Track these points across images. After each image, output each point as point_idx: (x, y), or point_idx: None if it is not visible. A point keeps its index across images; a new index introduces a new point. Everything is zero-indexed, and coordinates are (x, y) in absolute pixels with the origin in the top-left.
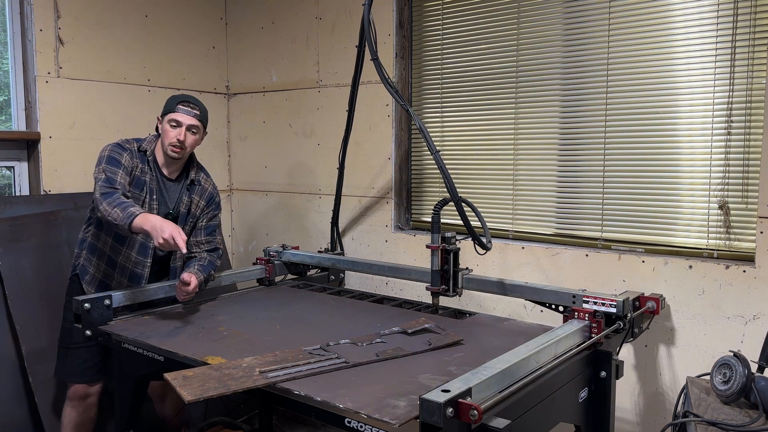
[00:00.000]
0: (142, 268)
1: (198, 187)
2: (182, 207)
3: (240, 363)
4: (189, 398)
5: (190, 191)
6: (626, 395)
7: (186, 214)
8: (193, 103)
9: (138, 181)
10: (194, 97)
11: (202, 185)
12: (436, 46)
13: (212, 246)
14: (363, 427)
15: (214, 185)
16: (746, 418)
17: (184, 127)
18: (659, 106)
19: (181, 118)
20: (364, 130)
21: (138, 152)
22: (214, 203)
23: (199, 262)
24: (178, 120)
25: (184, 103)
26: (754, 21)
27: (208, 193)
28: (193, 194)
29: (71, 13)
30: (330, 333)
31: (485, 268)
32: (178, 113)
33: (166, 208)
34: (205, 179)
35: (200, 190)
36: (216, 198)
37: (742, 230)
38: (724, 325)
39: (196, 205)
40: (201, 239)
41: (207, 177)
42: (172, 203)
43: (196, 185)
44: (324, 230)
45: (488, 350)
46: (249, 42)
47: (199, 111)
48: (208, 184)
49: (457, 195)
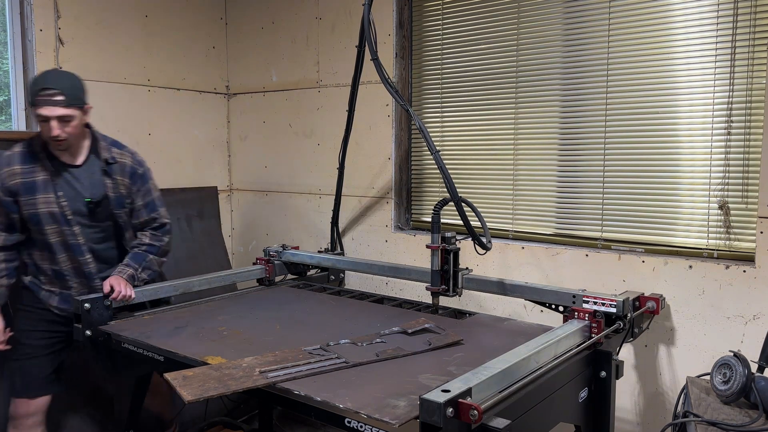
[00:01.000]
0: (86, 265)
1: (115, 166)
2: (108, 191)
3: (240, 363)
4: (189, 398)
5: (110, 172)
6: (626, 395)
7: (116, 198)
8: (54, 87)
9: (29, 187)
10: (55, 75)
11: (118, 162)
12: (436, 46)
13: (158, 222)
14: (363, 427)
15: (133, 154)
16: (746, 418)
17: (53, 120)
18: (659, 106)
19: (47, 112)
20: (364, 130)
21: (28, 155)
22: (138, 176)
23: (133, 253)
24: (44, 115)
25: (43, 93)
26: (754, 21)
27: (129, 168)
28: (114, 175)
29: (71, 13)
30: (330, 333)
31: (485, 268)
32: (41, 107)
33: (81, 199)
34: (120, 153)
35: (119, 168)
36: (138, 169)
37: (742, 230)
38: (724, 325)
39: (122, 184)
40: (144, 219)
41: (121, 150)
42: (88, 190)
43: (112, 164)
44: (324, 230)
45: (488, 350)
46: (249, 42)
47: (63, 95)
48: (125, 157)
49: (457, 195)
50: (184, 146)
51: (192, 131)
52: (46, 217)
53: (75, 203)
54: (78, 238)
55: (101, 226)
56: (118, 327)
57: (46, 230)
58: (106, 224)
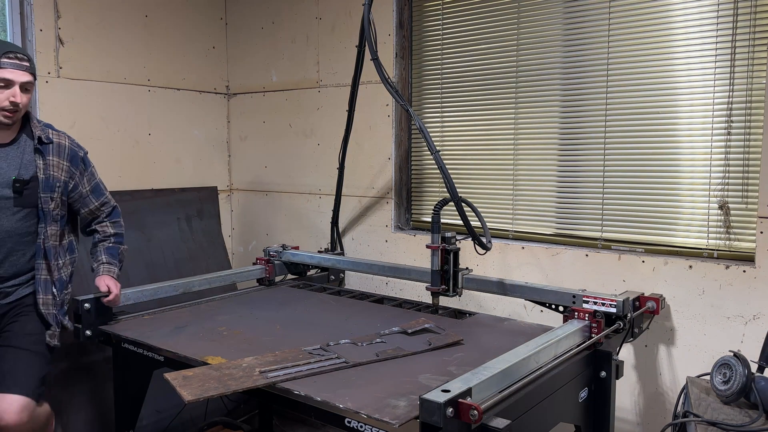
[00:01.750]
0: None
1: (51, 146)
2: (39, 173)
3: (240, 363)
4: (189, 398)
5: (43, 152)
6: (626, 395)
7: (46, 180)
8: (20, 52)
9: None
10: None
11: (55, 142)
12: (436, 46)
13: (110, 207)
14: (363, 427)
15: (70, 138)
16: (746, 418)
17: (17, 85)
18: (659, 106)
19: (12, 75)
20: (364, 130)
21: None
22: (80, 159)
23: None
24: (9, 79)
25: (9, 55)
26: (754, 21)
27: (68, 150)
28: (48, 155)
29: (71, 13)
30: (330, 333)
31: (485, 268)
32: (7, 69)
33: (5, 179)
34: (56, 134)
35: (55, 148)
36: (79, 152)
37: (742, 230)
38: (724, 325)
39: (58, 167)
40: (94, 206)
41: (57, 131)
42: (14, 170)
43: (47, 143)
44: (324, 230)
45: (488, 350)
46: (249, 42)
47: (29, 62)
48: (62, 138)
49: (457, 195)
50: (184, 146)
51: (192, 131)
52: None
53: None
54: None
55: (23, 213)
56: (118, 327)
57: None
58: (28, 211)
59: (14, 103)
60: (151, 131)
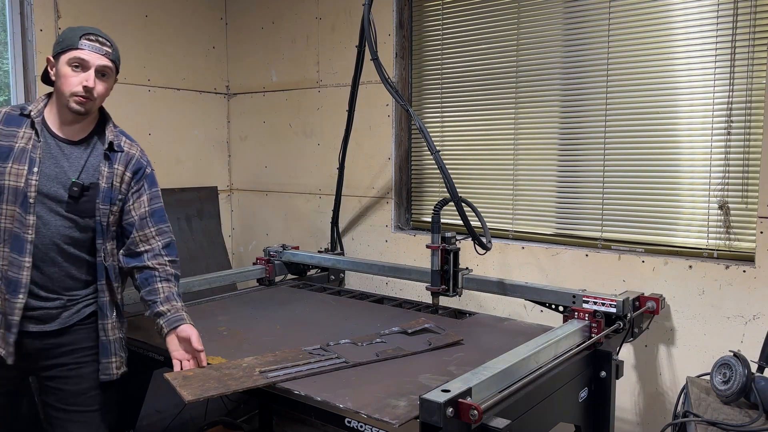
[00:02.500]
0: (20, 270)
1: (121, 154)
2: (101, 181)
3: (240, 363)
4: (189, 398)
5: (111, 159)
6: (626, 395)
7: (107, 190)
8: (103, 36)
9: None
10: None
11: (126, 151)
12: (436, 46)
13: (166, 239)
14: (363, 427)
15: (142, 151)
16: (746, 418)
17: (92, 69)
18: (659, 106)
19: (89, 57)
20: (364, 130)
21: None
22: (145, 176)
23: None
24: (84, 59)
25: (90, 37)
26: (754, 21)
27: (135, 161)
28: (115, 164)
29: (71, 13)
30: (330, 333)
31: (485, 268)
32: (83, 50)
33: (63, 180)
34: (129, 143)
35: (124, 158)
36: (147, 168)
37: (742, 230)
38: (724, 325)
39: (120, 177)
40: (149, 231)
41: (131, 141)
42: (75, 171)
43: (118, 151)
44: (324, 230)
45: (488, 350)
46: (249, 42)
47: (111, 48)
48: (134, 149)
49: (457, 195)
50: (184, 146)
51: (192, 131)
52: (10, 192)
53: (51, 185)
54: (28, 230)
55: (78, 224)
56: None
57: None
58: (80, 221)
59: (87, 88)
60: (151, 131)
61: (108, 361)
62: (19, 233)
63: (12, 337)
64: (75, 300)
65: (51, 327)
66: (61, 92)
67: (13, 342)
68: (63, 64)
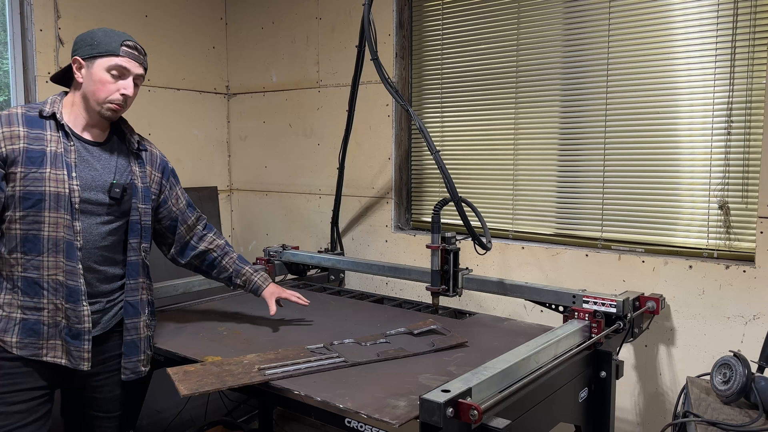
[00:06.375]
0: (76, 277)
1: (146, 154)
2: (137, 180)
3: (241, 360)
4: (185, 392)
5: (141, 160)
6: (626, 395)
7: (145, 189)
8: (138, 44)
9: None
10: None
11: (149, 150)
12: (436, 46)
13: (204, 221)
14: (363, 427)
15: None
16: (746, 418)
17: (131, 77)
18: (659, 106)
19: (129, 65)
20: (364, 130)
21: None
22: (171, 172)
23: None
24: (126, 68)
25: (129, 43)
26: (754, 21)
27: (160, 160)
28: (146, 164)
29: (71, 13)
30: (330, 333)
31: (485, 268)
32: (125, 58)
33: (99, 182)
34: (148, 142)
35: (149, 157)
36: (168, 164)
37: (742, 230)
38: (724, 325)
39: (151, 177)
40: (191, 221)
41: (145, 139)
42: (109, 173)
43: (143, 151)
44: (324, 230)
45: (488, 350)
46: (249, 42)
47: (144, 56)
48: (153, 147)
49: (457, 195)
50: (183, 146)
51: (192, 131)
52: (51, 199)
53: (90, 188)
54: (77, 236)
55: (115, 225)
56: None
57: (44, 217)
58: (119, 222)
59: (125, 96)
60: (150, 131)
61: (137, 359)
62: (71, 240)
63: (86, 344)
64: (112, 301)
65: (95, 332)
66: (95, 97)
67: (89, 348)
68: (100, 69)
